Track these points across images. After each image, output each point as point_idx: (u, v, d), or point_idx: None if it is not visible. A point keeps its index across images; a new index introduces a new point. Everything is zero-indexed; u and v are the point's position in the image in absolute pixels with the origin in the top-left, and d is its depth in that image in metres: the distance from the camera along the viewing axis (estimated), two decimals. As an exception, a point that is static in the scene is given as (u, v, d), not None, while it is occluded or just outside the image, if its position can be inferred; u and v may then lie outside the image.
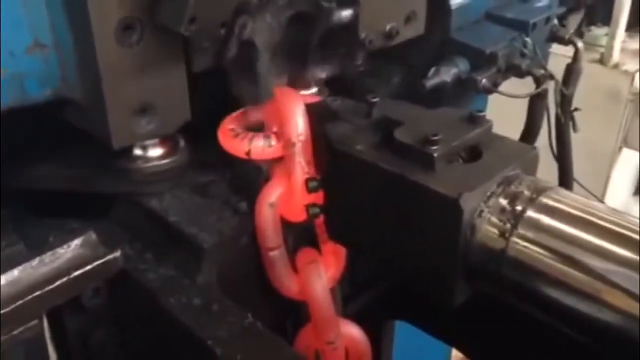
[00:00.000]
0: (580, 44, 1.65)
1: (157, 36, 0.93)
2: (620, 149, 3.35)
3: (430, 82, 1.42)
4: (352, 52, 1.27)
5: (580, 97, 3.08)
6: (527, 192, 0.91)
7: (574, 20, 3.64)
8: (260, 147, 1.09)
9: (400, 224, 0.99)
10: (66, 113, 1.00)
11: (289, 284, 1.21)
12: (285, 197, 1.13)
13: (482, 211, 0.90)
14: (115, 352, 1.23)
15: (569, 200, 0.91)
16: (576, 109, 1.63)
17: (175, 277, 1.11)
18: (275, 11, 1.10)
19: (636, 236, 0.83)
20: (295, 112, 1.08)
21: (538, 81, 1.51)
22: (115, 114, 0.93)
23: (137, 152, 1.09)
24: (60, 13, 0.87)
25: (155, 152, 1.10)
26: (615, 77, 3.22)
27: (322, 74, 1.28)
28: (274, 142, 1.10)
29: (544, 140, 1.76)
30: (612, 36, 3.19)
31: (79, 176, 1.12)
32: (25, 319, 0.87)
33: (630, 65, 3.24)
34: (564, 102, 1.67)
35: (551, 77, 1.51)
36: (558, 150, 1.75)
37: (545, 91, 1.51)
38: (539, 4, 1.69)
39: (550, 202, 0.90)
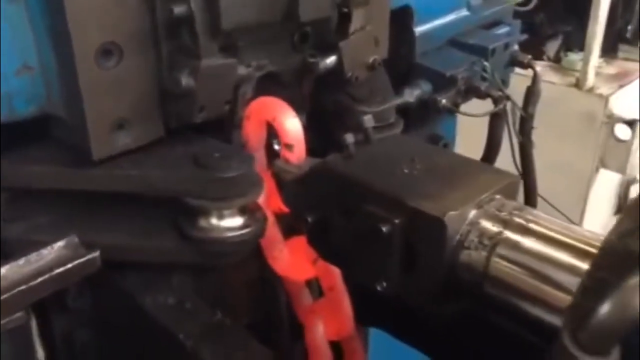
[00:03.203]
0: (538, 68, 1.76)
1: (133, 59, 1.04)
2: (597, 169, 3.46)
3: (395, 102, 1.53)
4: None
5: (556, 119, 3.22)
6: (504, 215, 0.97)
7: (552, 46, 3.80)
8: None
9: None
10: (52, 128, 1.12)
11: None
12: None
13: (467, 232, 0.96)
14: (98, 351, 1.33)
15: (541, 221, 0.97)
16: (532, 127, 1.74)
17: (152, 279, 1.21)
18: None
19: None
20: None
21: (496, 102, 1.62)
22: (95, 129, 1.04)
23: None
24: (45, 39, 0.98)
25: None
26: (590, 101, 3.34)
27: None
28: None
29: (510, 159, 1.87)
30: (586, 61, 3.32)
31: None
32: (11, 311, 0.97)
33: (605, 89, 3.36)
34: (525, 121, 1.78)
35: (507, 98, 1.62)
36: (522, 167, 1.85)
37: (503, 111, 1.62)
38: (500, 32, 1.82)
39: (524, 223, 0.96)
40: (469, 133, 1.89)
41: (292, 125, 1.21)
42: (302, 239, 1.31)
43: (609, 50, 3.59)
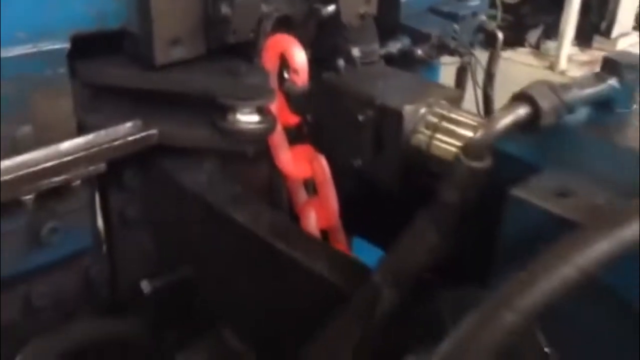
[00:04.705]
0: (500, 35, 2.17)
1: (188, -6, 1.46)
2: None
3: (381, 52, 1.94)
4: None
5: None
6: (444, 112, 1.40)
7: (534, 35, 4.21)
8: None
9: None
10: (125, 44, 1.53)
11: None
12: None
13: (418, 123, 1.39)
14: (144, 225, 1.73)
15: (469, 116, 1.39)
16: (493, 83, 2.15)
17: (188, 161, 1.63)
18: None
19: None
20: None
21: (461, 57, 2.03)
22: (159, 42, 1.45)
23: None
24: (130, -26, 1.40)
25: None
26: (561, 81, 3.74)
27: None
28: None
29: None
30: (559, 47, 3.74)
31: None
32: (95, 161, 1.39)
33: (575, 72, 3.78)
34: (488, 77, 2.19)
35: (471, 54, 2.03)
36: (485, 115, 2.26)
37: (466, 64, 2.03)
38: (471, 3, 2.23)
39: (456, 117, 1.38)
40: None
41: (299, 55, 1.62)
42: (302, 147, 1.73)
43: (585, 41, 4.00)
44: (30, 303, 1.58)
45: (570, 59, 3.79)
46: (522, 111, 1.01)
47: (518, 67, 2.18)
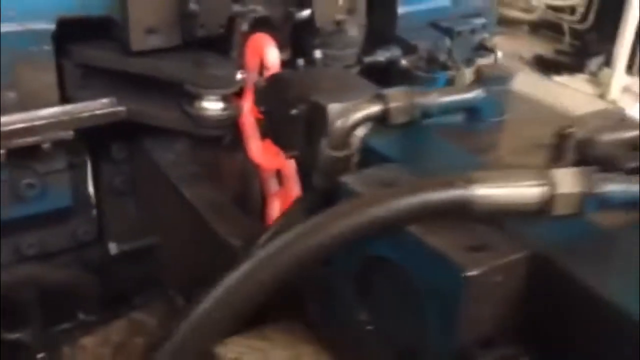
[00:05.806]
0: (499, 53, 2.22)
1: (163, -10, 1.65)
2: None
3: (367, 59, 2.06)
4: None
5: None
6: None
7: (597, 62, 4.13)
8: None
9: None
10: (111, 31, 1.74)
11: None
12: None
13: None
14: (129, 196, 1.94)
15: None
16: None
17: (163, 141, 1.82)
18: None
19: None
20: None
21: (449, 70, 2.11)
22: (135, 30, 1.65)
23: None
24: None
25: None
26: (607, 110, 3.68)
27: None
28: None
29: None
30: (610, 76, 3.67)
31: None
32: (64, 128, 1.60)
33: (625, 102, 3.69)
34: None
35: (458, 68, 2.10)
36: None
37: (453, 77, 2.11)
38: (475, 21, 2.29)
39: None
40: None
41: (271, 54, 1.77)
42: (274, 139, 1.86)
43: (645, 72, 3.91)
44: (20, 250, 1.82)
45: (627, 89, 3.69)
46: (373, 109, 1.12)
47: (567, 92, 2.21)
